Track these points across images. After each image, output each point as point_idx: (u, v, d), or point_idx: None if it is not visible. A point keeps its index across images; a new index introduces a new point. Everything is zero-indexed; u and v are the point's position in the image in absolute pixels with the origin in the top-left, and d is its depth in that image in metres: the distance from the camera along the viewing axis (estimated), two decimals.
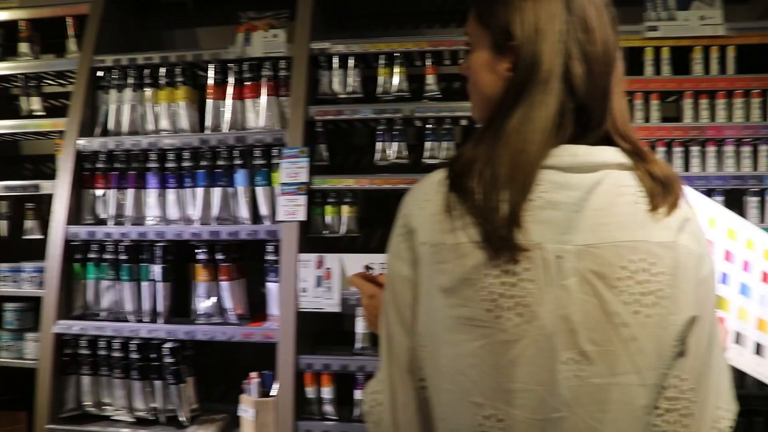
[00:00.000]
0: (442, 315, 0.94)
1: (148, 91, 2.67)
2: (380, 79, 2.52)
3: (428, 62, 2.51)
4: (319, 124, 2.50)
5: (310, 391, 2.37)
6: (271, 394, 2.36)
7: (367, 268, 2.19)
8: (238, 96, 2.60)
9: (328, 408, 2.36)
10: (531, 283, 0.90)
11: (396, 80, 2.50)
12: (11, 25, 2.95)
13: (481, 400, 0.92)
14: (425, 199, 0.98)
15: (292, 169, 2.39)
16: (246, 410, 2.35)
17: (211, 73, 2.63)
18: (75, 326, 2.52)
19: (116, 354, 2.50)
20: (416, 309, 0.97)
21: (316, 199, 2.45)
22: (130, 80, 2.68)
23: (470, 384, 0.92)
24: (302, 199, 2.37)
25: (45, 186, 2.71)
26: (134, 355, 2.48)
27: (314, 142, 2.50)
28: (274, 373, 2.36)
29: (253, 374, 2.36)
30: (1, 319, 2.74)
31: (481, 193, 0.92)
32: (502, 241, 0.90)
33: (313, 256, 2.35)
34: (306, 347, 2.39)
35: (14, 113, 3.00)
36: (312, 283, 2.34)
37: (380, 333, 1.03)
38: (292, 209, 2.37)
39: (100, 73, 2.73)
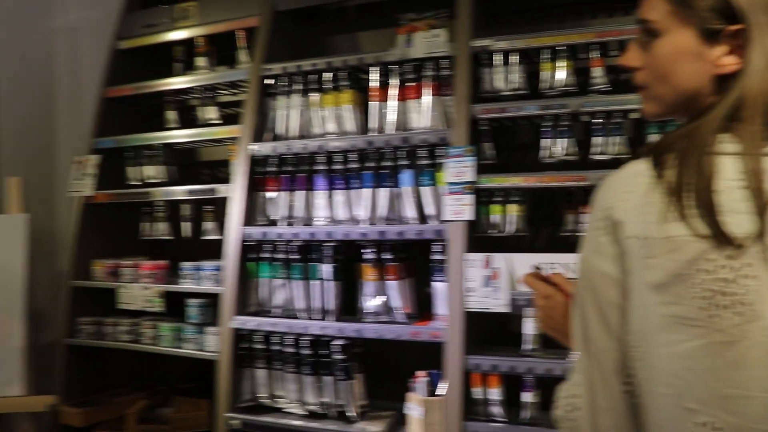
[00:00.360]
0: (653, 313, 0.89)
1: (314, 96, 2.76)
2: (544, 74, 2.45)
3: (595, 54, 2.41)
4: (483, 123, 2.48)
5: (477, 392, 2.34)
6: (438, 393, 2.36)
7: (537, 268, 2.12)
8: (401, 97, 2.62)
9: (495, 409, 2.33)
10: (752, 280, 0.83)
11: (561, 74, 2.42)
12: (189, 41, 3.18)
13: (695, 406, 0.86)
14: (627, 191, 0.92)
15: (458, 168, 2.37)
16: (413, 408, 2.36)
17: (373, 75, 2.68)
18: (251, 322, 2.66)
19: (288, 349, 2.61)
20: (624, 307, 0.92)
21: (481, 198, 2.42)
22: (297, 86, 2.79)
23: (684, 388, 0.87)
24: (469, 199, 2.36)
25: (220, 189, 2.88)
26: (305, 351, 2.57)
27: (478, 141, 2.47)
28: (440, 372, 2.36)
29: (422, 373, 2.38)
30: (184, 314, 2.95)
31: (700, 184, 0.86)
32: (720, 235, 0.83)
33: (480, 256, 2.32)
34: (473, 347, 2.36)
35: (191, 123, 3.22)
36: (479, 282, 2.31)
37: (575, 333, 0.98)
38: (459, 208, 2.36)
39: (269, 81, 2.86)
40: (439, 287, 2.45)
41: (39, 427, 2.96)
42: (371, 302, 2.54)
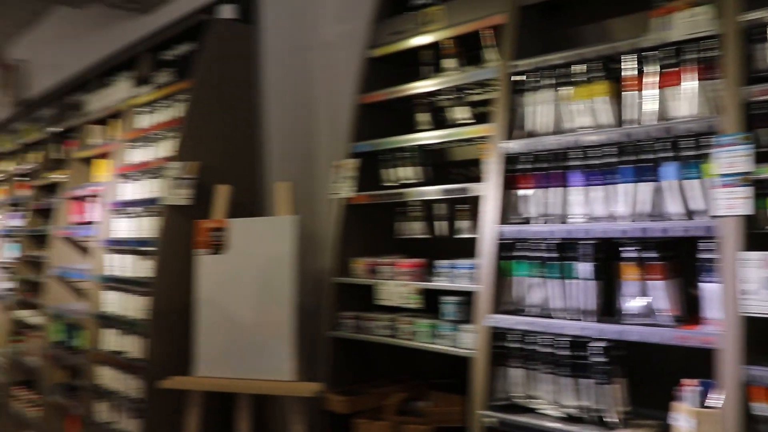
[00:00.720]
0: None
1: (566, 90, 2.68)
2: None
3: None
4: (759, 106, 2.22)
5: (758, 408, 2.10)
6: (709, 404, 2.16)
7: None
8: (659, 84, 2.45)
9: None
10: None
11: None
12: (436, 44, 3.27)
13: None
14: None
15: (731, 158, 2.16)
16: (683, 419, 2.20)
17: (628, 64, 2.54)
18: (507, 320, 2.66)
19: (545, 349, 2.56)
20: None
21: (758, 191, 2.18)
22: (547, 81, 2.73)
23: None
24: (744, 191, 2.13)
25: (473, 188, 2.92)
26: (563, 352, 2.51)
27: (753, 127, 2.23)
28: (712, 382, 2.17)
29: (692, 381, 2.20)
30: (439, 310, 3.02)
31: None
32: None
33: (760, 255, 2.09)
34: (752, 356, 2.13)
35: (441, 124, 3.30)
36: (760, 284, 2.08)
37: None
38: (732, 202, 2.14)
39: (518, 78, 2.84)
40: (708, 288, 2.25)
41: (306, 412, 3.22)
42: (632, 303, 2.41)
